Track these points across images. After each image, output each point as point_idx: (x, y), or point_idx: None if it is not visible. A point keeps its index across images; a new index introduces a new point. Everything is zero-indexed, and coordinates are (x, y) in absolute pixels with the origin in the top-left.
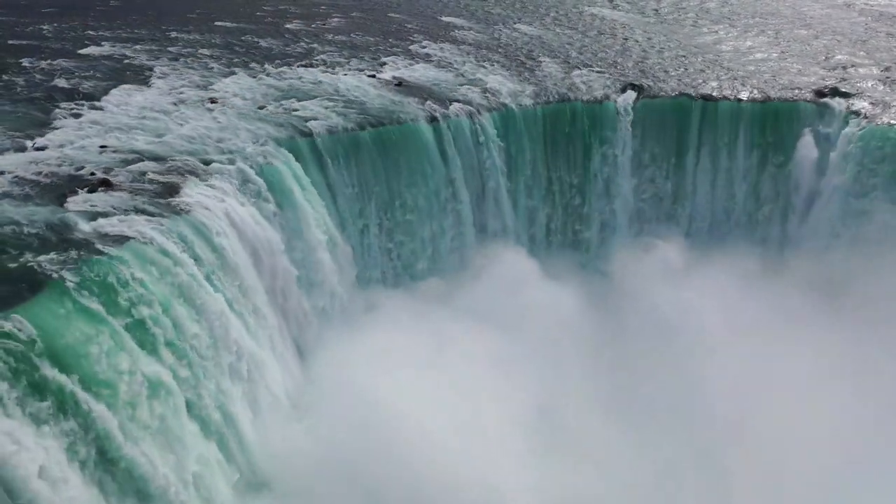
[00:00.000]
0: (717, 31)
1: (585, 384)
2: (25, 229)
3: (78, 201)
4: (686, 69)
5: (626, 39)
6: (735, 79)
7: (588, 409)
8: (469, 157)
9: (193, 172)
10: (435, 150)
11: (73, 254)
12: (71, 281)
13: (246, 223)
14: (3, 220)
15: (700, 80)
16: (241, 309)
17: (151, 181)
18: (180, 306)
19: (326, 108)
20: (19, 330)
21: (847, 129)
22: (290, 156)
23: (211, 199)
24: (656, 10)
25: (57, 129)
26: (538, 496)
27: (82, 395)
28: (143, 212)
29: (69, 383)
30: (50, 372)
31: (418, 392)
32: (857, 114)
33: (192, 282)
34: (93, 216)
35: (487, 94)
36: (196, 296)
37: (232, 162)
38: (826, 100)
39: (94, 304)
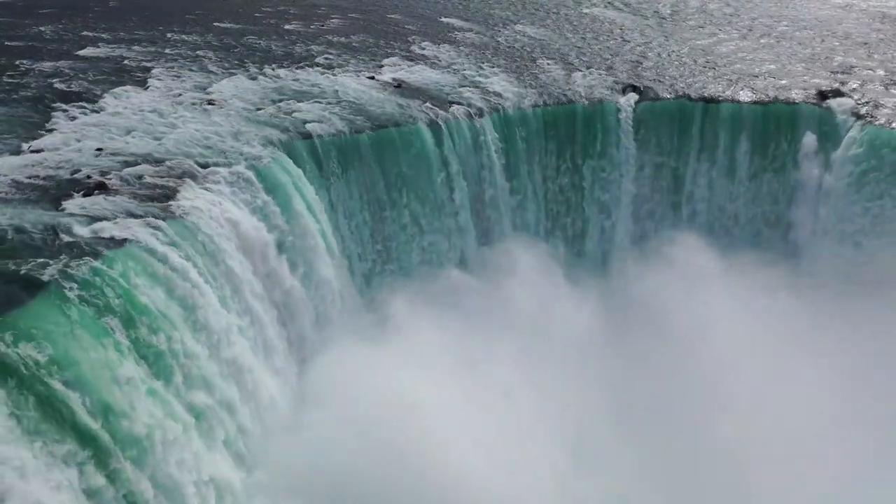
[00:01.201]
0: (718, 33)
1: (586, 381)
2: (20, 234)
3: (74, 205)
4: (687, 71)
5: (627, 41)
6: (736, 81)
7: (591, 410)
8: (469, 160)
9: (191, 175)
10: (435, 153)
11: (76, 265)
12: (125, 341)
13: (243, 226)
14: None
15: (701, 82)
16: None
17: (148, 184)
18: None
19: (325, 110)
20: (82, 402)
21: (851, 132)
22: (289, 159)
23: (209, 204)
24: (657, 12)
25: (53, 131)
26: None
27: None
28: (140, 216)
29: (140, 479)
30: (121, 463)
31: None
32: (860, 115)
33: (243, 357)
34: (89, 220)
35: (488, 96)
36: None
37: (230, 165)
38: (829, 101)
39: (157, 384)
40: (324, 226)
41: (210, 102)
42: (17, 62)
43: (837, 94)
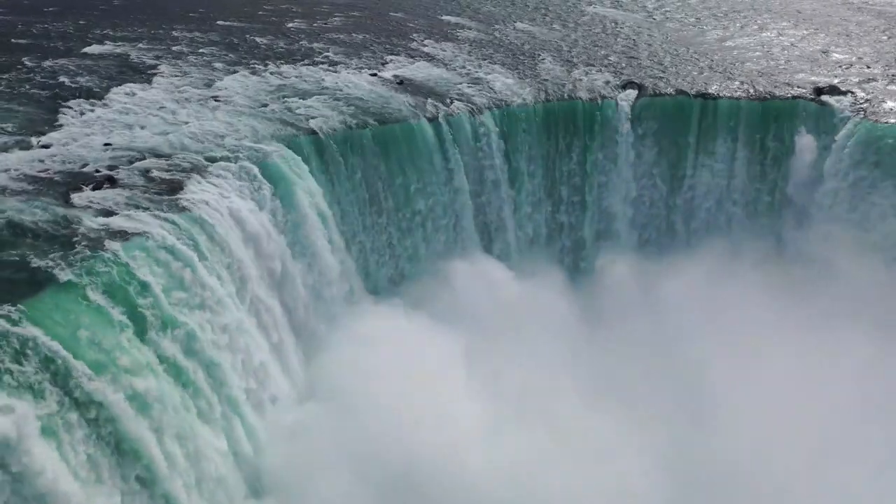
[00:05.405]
0: (717, 30)
1: (563, 371)
2: (30, 226)
3: (83, 198)
4: (686, 67)
5: (626, 38)
6: (735, 77)
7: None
8: (470, 156)
9: (197, 170)
10: (436, 149)
11: (86, 256)
12: (133, 328)
13: (249, 220)
14: (12, 217)
15: (700, 78)
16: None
17: (156, 178)
18: None
19: (328, 106)
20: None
21: (847, 127)
22: (292, 153)
23: (214, 197)
24: (655, 9)
25: (61, 126)
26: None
27: None
28: (148, 209)
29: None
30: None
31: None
32: (856, 111)
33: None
34: (98, 213)
35: (488, 93)
36: None
37: (235, 160)
38: (826, 97)
39: (161, 368)
40: (327, 220)
41: (215, 98)
42: (24, 60)
43: (834, 89)
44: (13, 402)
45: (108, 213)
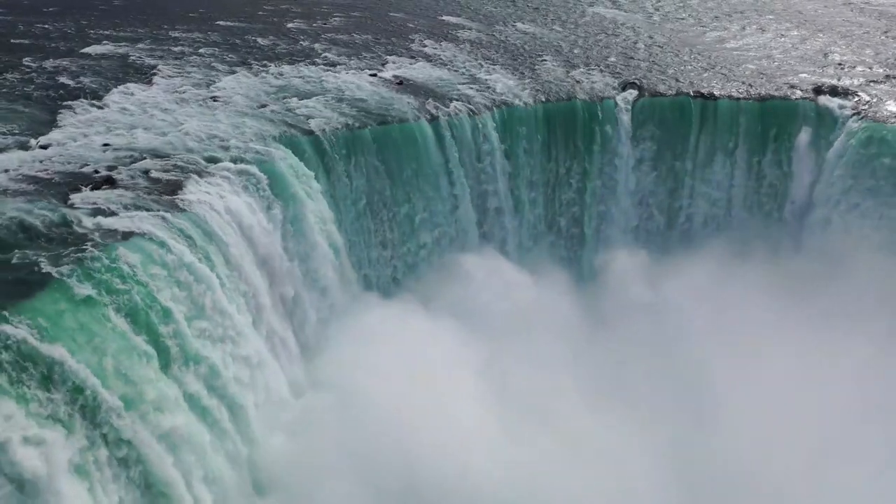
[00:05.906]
0: (717, 30)
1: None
2: (30, 226)
3: (82, 198)
4: (686, 68)
5: (625, 38)
6: (734, 77)
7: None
8: (470, 156)
9: (196, 170)
10: (436, 149)
11: (85, 256)
12: (132, 329)
13: (248, 220)
14: (14, 218)
15: (699, 79)
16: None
17: (155, 179)
18: None
19: (328, 106)
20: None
21: (846, 128)
22: (292, 153)
23: (213, 197)
24: (657, 9)
25: (60, 127)
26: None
27: None
28: (147, 209)
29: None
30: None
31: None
32: (856, 112)
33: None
34: (97, 213)
35: (488, 93)
36: None
37: (234, 160)
38: (825, 97)
39: (162, 374)
40: (327, 219)
41: (214, 99)
42: (23, 60)
43: (834, 90)
44: (44, 433)
45: (108, 213)
